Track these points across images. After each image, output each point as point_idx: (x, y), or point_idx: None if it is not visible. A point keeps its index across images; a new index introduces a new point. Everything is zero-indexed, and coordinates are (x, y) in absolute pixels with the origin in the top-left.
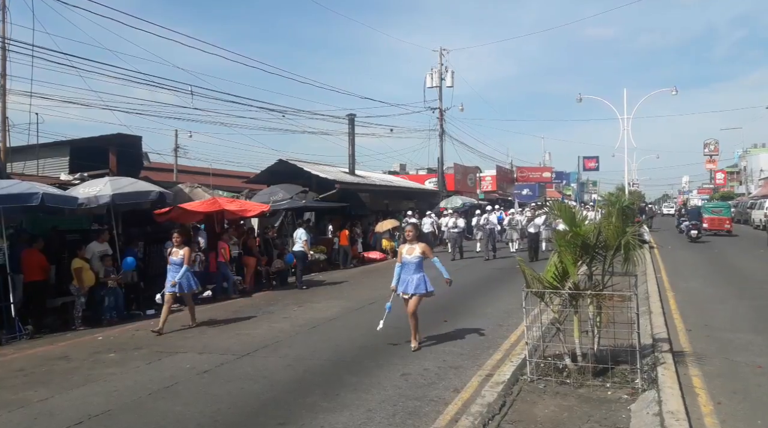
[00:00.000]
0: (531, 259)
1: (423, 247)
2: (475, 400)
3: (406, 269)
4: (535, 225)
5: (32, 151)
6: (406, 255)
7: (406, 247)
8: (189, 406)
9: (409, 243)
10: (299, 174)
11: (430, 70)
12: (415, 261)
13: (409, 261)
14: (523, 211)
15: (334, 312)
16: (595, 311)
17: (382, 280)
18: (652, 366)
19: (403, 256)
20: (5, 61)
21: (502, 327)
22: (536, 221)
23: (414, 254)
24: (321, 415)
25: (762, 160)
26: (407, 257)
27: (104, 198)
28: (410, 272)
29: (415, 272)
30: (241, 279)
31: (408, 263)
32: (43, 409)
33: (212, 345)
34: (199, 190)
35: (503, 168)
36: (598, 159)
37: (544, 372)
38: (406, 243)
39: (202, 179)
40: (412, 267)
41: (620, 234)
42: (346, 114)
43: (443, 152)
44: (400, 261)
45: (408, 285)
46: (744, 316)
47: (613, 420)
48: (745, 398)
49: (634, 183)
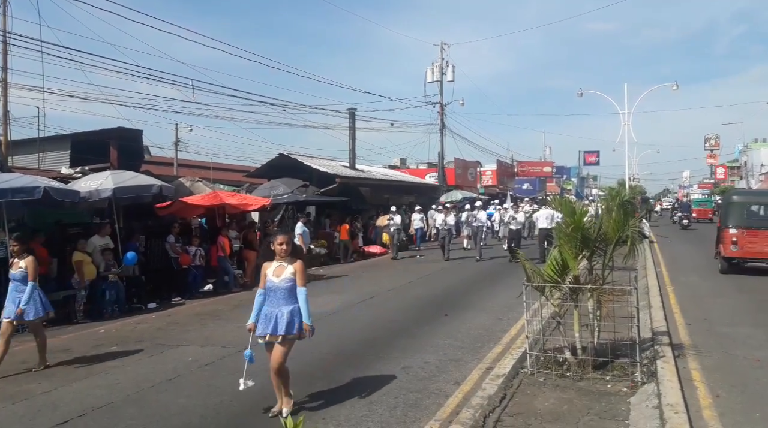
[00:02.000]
0: (510, 260)
1: (297, 266)
2: (476, 393)
3: (272, 298)
4: (516, 222)
5: (33, 144)
6: (273, 278)
7: (272, 266)
8: (191, 399)
9: (277, 260)
10: (300, 168)
11: (431, 64)
12: (286, 287)
13: (277, 286)
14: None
15: (334, 305)
16: (595, 305)
17: (382, 274)
18: (652, 360)
19: (269, 279)
20: (6, 55)
21: (502, 321)
22: (518, 217)
23: (284, 276)
24: (322, 408)
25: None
26: (274, 280)
27: (105, 192)
28: (278, 302)
29: (286, 302)
30: (242, 272)
31: (275, 289)
32: (46, 401)
33: (214, 339)
34: (200, 183)
35: (504, 162)
36: (599, 153)
37: (544, 366)
38: (274, 261)
39: (203, 173)
40: (281, 294)
41: (620, 229)
42: (346, 108)
43: (444, 146)
44: (263, 286)
45: (274, 322)
46: (743, 310)
47: (613, 413)
48: (744, 391)
49: (635, 177)
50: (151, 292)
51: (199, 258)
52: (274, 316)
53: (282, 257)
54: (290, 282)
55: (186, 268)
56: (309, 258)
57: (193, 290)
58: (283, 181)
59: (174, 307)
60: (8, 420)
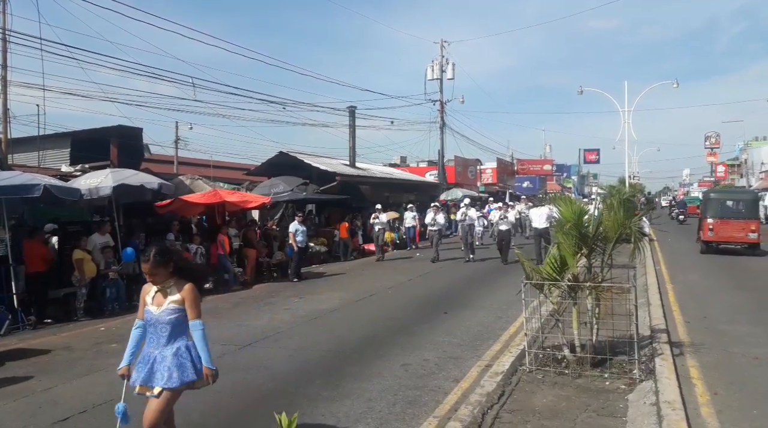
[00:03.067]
0: (502, 261)
1: (187, 293)
2: (475, 390)
3: (151, 335)
4: (507, 221)
5: (33, 142)
6: (152, 308)
7: (152, 291)
8: (190, 396)
9: (153, 283)
10: (300, 166)
11: (431, 62)
12: (168, 321)
13: (157, 319)
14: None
15: (334, 303)
16: (593, 303)
17: (381, 272)
18: (650, 357)
19: (146, 309)
20: (6, 52)
21: (501, 319)
22: (509, 217)
23: (165, 306)
24: (322, 405)
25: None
26: (152, 311)
27: (106, 189)
28: (158, 341)
29: (169, 341)
30: (242, 270)
31: (154, 323)
32: (47, 398)
33: (213, 336)
34: (200, 181)
35: (504, 160)
36: (599, 151)
37: (542, 363)
38: (151, 284)
39: (203, 171)
40: (162, 331)
41: (620, 227)
42: (346, 106)
43: (444, 144)
44: (142, 317)
45: (149, 368)
46: (742, 308)
47: (611, 410)
48: (742, 389)
49: (635, 175)
50: None
51: (199, 256)
52: (152, 360)
53: (154, 276)
54: (175, 315)
55: None
56: (309, 255)
57: None
58: (283, 179)
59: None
60: (9, 417)
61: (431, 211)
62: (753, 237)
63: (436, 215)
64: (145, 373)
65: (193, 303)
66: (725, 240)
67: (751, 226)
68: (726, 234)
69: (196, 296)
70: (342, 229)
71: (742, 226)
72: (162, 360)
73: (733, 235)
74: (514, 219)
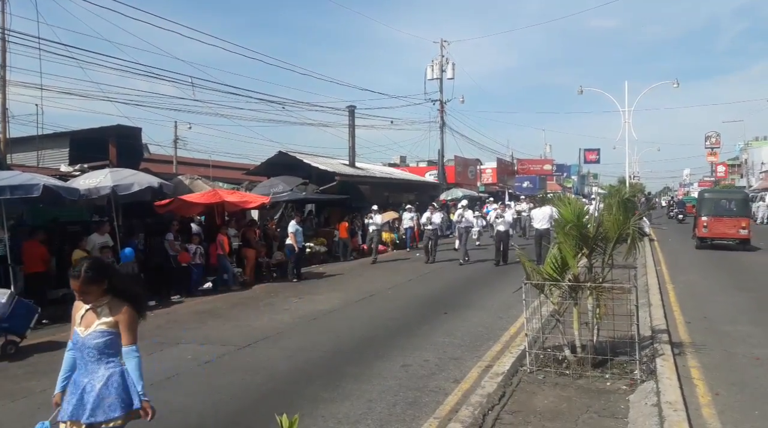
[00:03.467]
0: (497, 263)
1: (123, 316)
2: (475, 391)
3: (80, 360)
4: (504, 221)
5: (32, 142)
6: (80, 329)
7: (81, 311)
8: (190, 397)
9: (84, 302)
10: (299, 166)
11: (431, 61)
12: (95, 345)
13: (83, 342)
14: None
15: (334, 303)
16: (594, 303)
17: (381, 273)
18: (651, 358)
19: (75, 330)
20: (5, 52)
21: (501, 320)
22: (506, 217)
23: (93, 328)
24: (322, 406)
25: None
26: (80, 333)
27: (105, 189)
28: (87, 367)
29: (98, 367)
30: (242, 271)
31: (81, 347)
32: (45, 399)
33: (213, 337)
34: (199, 181)
35: (504, 160)
36: (599, 151)
37: (543, 364)
38: (81, 302)
39: (202, 171)
40: (90, 356)
41: (620, 227)
42: (346, 106)
43: (444, 144)
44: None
45: (78, 399)
46: (743, 308)
47: (612, 411)
48: (743, 389)
49: (635, 175)
50: (150, 290)
51: (199, 256)
52: (81, 390)
53: (84, 293)
54: (103, 338)
55: (185, 266)
56: (308, 255)
57: (192, 288)
58: (282, 178)
59: (173, 305)
60: (8, 417)
61: (428, 211)
62: (743, 233)
63: (432, 215)
64: (74, 405)
65: (129, 326)
66: (718, 237)
67: (742, 224)
68: (719, 230)
69: (132, 319)
70: (341, 229)
71: (734, 223)
72: (91, 390)
73: (726, 232)
74: (511, 219)
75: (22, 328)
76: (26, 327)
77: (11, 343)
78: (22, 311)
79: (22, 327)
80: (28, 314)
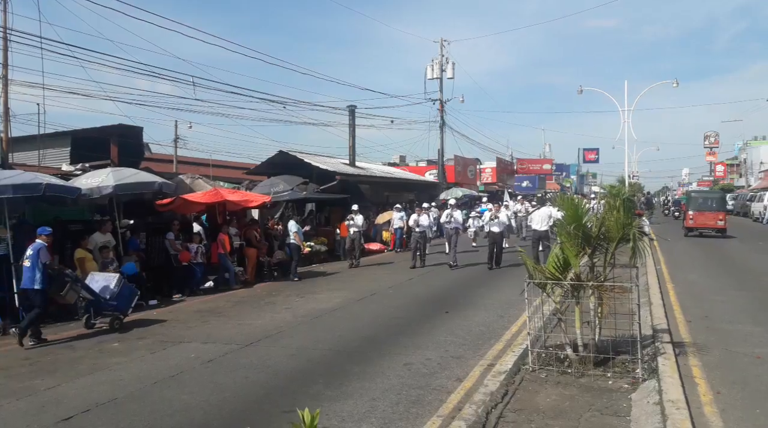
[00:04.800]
0: (490, 267)
1: None
2: (478, 389)
3: None
4: (498, 222)
5: (34, 141)
6: None
7: None
8: (194, 395)
9: None
10: (300, 165)
11: (431, 61)
12: None
13: None
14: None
15: (335, 302)
16: (596, 302)
17: (382, 272)
18: (653, 357)
19: None
20: (7, 51)
21: (503, 318)
22: (500, 217)
23: None
24: (325, 404)
25: (762, 153)
26: None
27: (107, 188)
28: None
29: None
30: (243, 270)
31: None
32: (50, 397)
33: (216, 335)
34: (200, 180)
35: (503, 160)
36: (599, 151)
37: (545, 362)
38: None
39: (203, 170)
40: None
41: (623, 226)
42: (346, 105)
43: (443, 144)
44: None
45: None
46: (743, 308)
47: (615, 409)
48: (744, 388)
49: (635, 175)
50: (152, 289)
51: (200, 255)
52: None
53: None
54: None
55: (186, 265)
56: (310, 255)
57: (194, 287)
58: (283, 178)
59: (175, 304)
60: (13, 416)
61: (415, 212)
62: (721, 224)
63: (419, 217)
64: None
65: None
66: (701, 227)
67: (720, 217)
68: (702, 222)
69: None
70: (342, 229)
71: (714, 216)
72: None
73: (707, 223)
74: (506, 220)
75: (126, 307)
76: (129, 306)
77: (117, 319)
78: (126, 293)
79: (126, 307)
80: (130, 296)
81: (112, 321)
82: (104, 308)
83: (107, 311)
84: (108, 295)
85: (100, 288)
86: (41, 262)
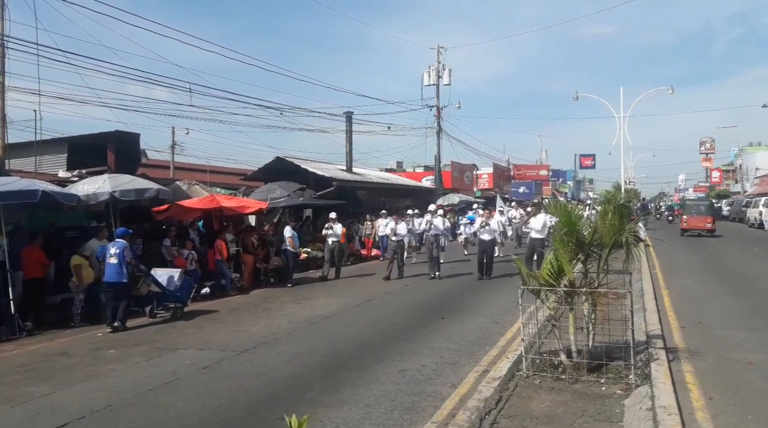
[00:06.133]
0: (480, 277)
1: None
2: (472, 395)
3: None
4: (490, 230)
5: (30, 147)
6: None
7: None
8: (190, 401)
9: None
10: (297, 171)
11: (428, 67)
12: None
13: None
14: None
15: (331, 309)
16: (590, 308)
17: (379, 278)
18: (646, 363)
19: None
20: (4, 58)
21: (498, 325)
22: (491, 225)
23: None
24: (320, 410)
25: (758, 158)
26: None
27: (103, 195)
28: None
29: None
30: (239, 276)
31: None
32: (45, 404)
33: (211, 342)
34: (197, 187)
35: (500, 165)
36: (595, 157)
37: (539, 368)
38: None
39: (199, 176)
40: None
41: (616, 232)
42: (343, 111)
43: (440, 150)
44: None
45: None
46: (737, 314)
47: (607, 415)
48: (737, 393)
49: (631, 181)
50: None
51: (191, 261)
52: None
53: None
54: None
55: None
56: (306, 261)
57: None
58: (280, 184)
59: (171, 311)
60: (7, 423)
61: (392, 220)
62: (709, 226)
63: (396, 225)
64: None
65: None
66: (694, 228)
67: (708, 220)
68: (694, 224)
69: None
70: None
71: (704, 220)
72: None
73: (698, 225)
74: (497, 227)
75: (187, 298)
76: (189, 297)
77: (179, 309)
78: (187, 285)
79: (187, 297)
80: (190, 288)
81: (175, 311)
82: (168, 299)
83: (170, 302)
84: (173, 287)
85: (166, 281)
86: (126, 260)
